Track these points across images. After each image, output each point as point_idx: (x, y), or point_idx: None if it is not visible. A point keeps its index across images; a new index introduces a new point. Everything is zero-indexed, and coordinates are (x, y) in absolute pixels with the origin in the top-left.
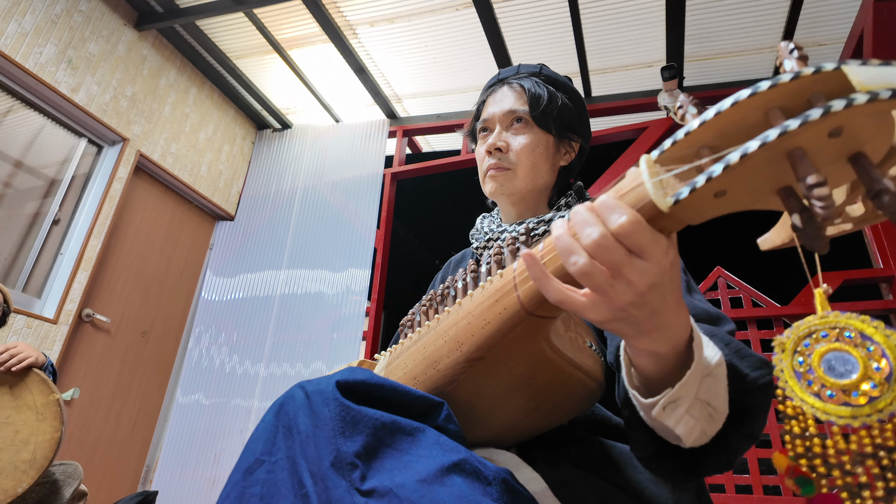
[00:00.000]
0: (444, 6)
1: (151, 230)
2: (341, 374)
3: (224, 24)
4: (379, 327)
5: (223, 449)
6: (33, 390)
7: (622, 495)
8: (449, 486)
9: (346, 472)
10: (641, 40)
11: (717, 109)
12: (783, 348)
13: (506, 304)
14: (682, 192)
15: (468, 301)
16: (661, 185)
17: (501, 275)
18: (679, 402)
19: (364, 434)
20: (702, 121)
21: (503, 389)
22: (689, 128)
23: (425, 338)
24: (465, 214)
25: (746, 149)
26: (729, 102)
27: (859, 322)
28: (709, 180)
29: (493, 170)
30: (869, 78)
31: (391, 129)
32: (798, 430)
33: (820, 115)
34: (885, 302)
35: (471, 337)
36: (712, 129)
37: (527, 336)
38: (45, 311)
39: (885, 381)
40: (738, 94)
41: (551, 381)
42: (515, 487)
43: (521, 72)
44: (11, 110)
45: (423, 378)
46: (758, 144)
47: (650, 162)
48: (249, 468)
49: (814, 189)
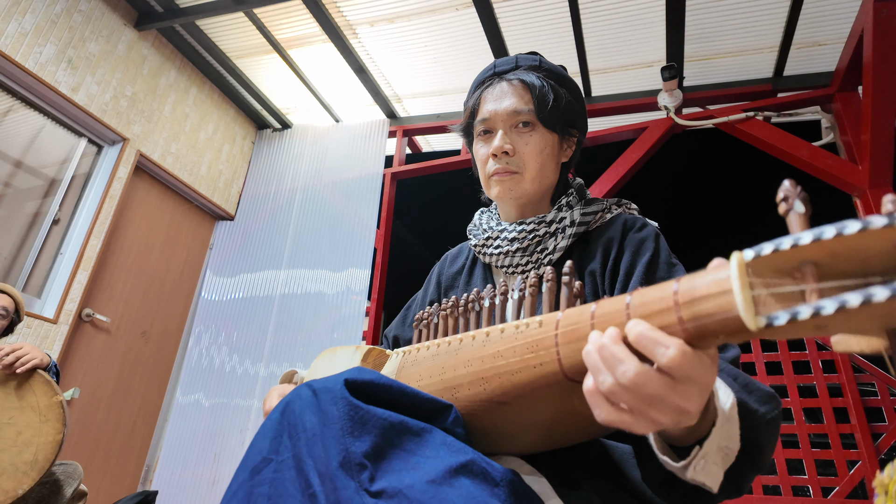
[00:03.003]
0: (444, 6)
1: (151, 230)
2: (349, 374)
3: (224, 24)
4: (379, 327)
5: (223, 449)
6: (37, 392)
7: (624, 495)
8: (457, 488)
9: (356, 472)
10: (641, 40)
11: (837, 230)
12: (885, 490)
13: (543, 359)
14: (779, 317)
15: (497, 336)
16: (754, 300)
17: (541, 323)
18: (707, 457)
19: (373, 434)
20: (816, 237)
21: (522, 428)
22: (797, 240)
23: (443, 357)
24: (465, 214)
25: (871, 296)
26: (856, 228)
27: None
28: (815, 316)
29: (499, 174)
30: None
31: (391, 129)
32: None
33: None
34: None
35: (497, 378)
36: (825, 249)
37: (560, 394)
38: (45, 311)
39: None
40: (871, 222)
41: (574, 426)
42: (523, 489)
43: (519, 64)
44: (11, 110)
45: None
46: (888, 295)
47: (744, 267)
48: (256, 467)
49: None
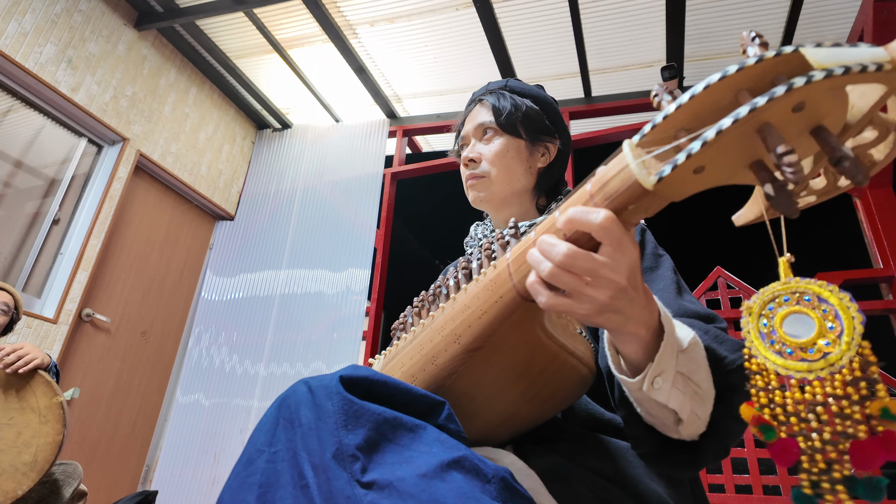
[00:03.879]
0: (444, 6)
1: (151, 230)
2: (344, 371)
3: (224, 24)
4: (379, 327)
5: (223, 449)
6: (37, 392)
7: (617, 491)
8: (448, 482)
9: (348, 463)
10: (641, 40)
11: (691, 93)
12: (750, 312)
13: (501, 292)
14: (664, 169)
15: (462, 295)
16: (644, 165)
17: (495, 266)
18: (664, 375)
19: (366, 428)
20: (678, 104)
21: (501, 379)
22: (666, 112)
23: (421, 336)
24: (464, 214)
25: (721, 126)
26: (701, 86)
27: (816, 287)
28: (689, 157)
29: (470, 179)
30: (824, 57)
31: (391, 129)
32: (762, 383)
33: (784, 91)
34: (885, 302)
35: (468, 328)
36: (688, 112)
37: (523, 323)
38: (45, 311)
39: (837, 338)
40: (710, 78)
41: (546, 367)
42: (514, 486)
43: (490, 87)
44: (11, 110)
45: (421, 375)
46: (731, 121)
47: (632, 145)
48: (250, 459)
49: (783, 157)
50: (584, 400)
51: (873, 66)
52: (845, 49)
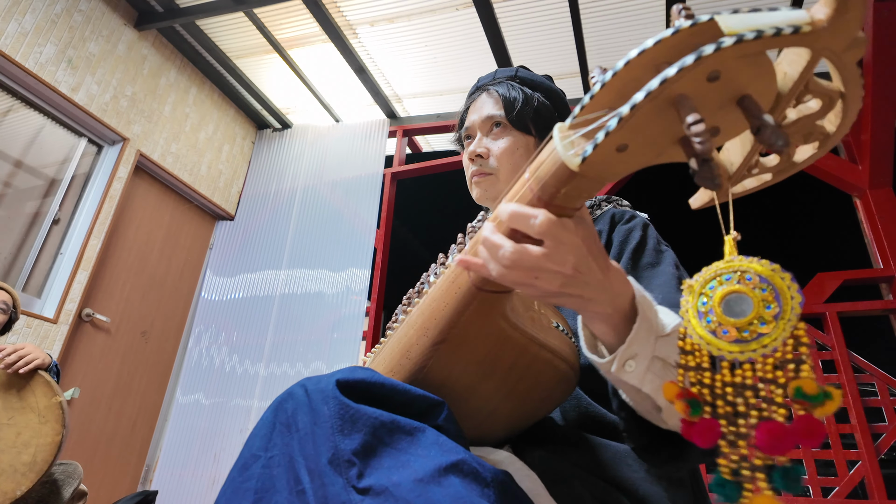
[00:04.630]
0: (444, 6)
1: (151, 230)
2: (342, 373)
3: (224, 24)
4: (379, 327)
5: (223, 449)
6: (37, 392)
7: (616, 493)
8: (446, 487)
9: (344, 469)
10: (641, 40)
11: (613, 71)
12: (691, 291)
13: (459, 283)
14: (587, 149)
15: (432, 288)
16: (571, 146)
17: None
18: (637, 359)
19: (363, 433)
20: (601, 82)
21: (472, 372)
22: (592, 92)
23: (399, 330)
24: (465, 214)
25: (634, 100)
26: (622, 63)
27: (759, 266)
28: (607, 135)
29: (476, 176)
30: (737, 23)
31: (391, 128)
32: (693, 363)
33: (693, 60)
34: (885, 302)
35: (434, 321)
36: (612, 91)
37: (482, 313)
38: (45, 311)
39: (772, 319)
40: (629, 54)
41: (517, 361)
42: (513, 490)
43: (497, 77)
44: (11, 110)
45: (398, 369)
46: (643, 95)
47: (563, 128)
48: (245, 464)
49: (692, 127)
50: (585, 402)
51: (789, 28)
52: (763, 14)
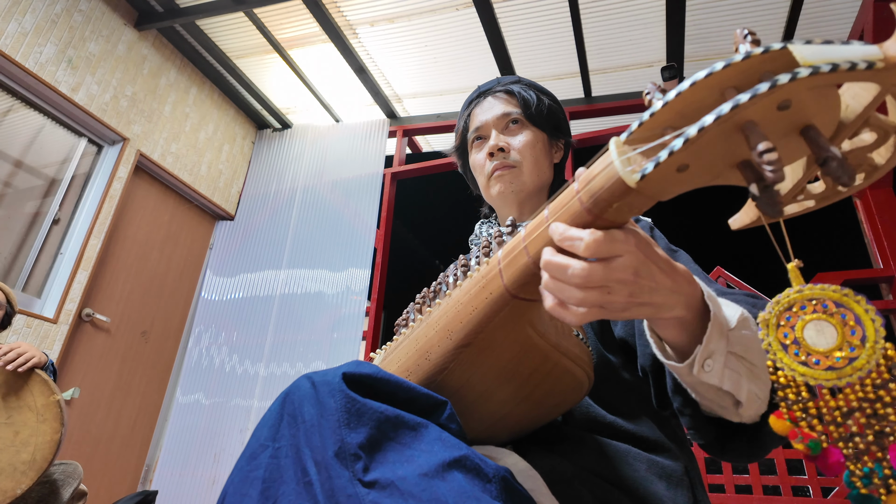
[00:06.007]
0: (444, 6)
1: (151, 230)
2: (348, 367)
3: (224, 24)
4: (379, 327)
5: (223, 449)
6: (34, 391)
7: (617, 493)
8: (449, 482)
9: (350, 462)
10: (641, 40)
11: (677, 90)
12: (767, 324)
13: (491, 288)
14: (647, 167)
15: (457, 291)
16: (628, 162)
17: (488, 262)
18: (714, 357)
19: (368, 426)
20: (664, 102)
21: (492, 377)
22: (652, 109)
23: (417, 331)
24: (465, 214)
25: (703, 123)
26: (687, 84)
27: (833, 293)
28: (671, 154)
29: (498, 170)
30: (811, 54)
31: (391, 128)
32: (793, 396)
33: (768, 88)
34: (886, 302)
35: (459, 324)
36: (673, 111)
37: (512, 320)
38: (44, 311)
39: (860, 343)
40: (696, 76)
41: (538, 368)
42: (514, 486)
43: (501, 82)
44: (11, 110)
45: (415, 369)
46: (713, 118)
47: (619, 143)
48: (254, 453)
49: (764, 154)
50: (586, 402)
51: (864, 64)
52: (836, 46)
